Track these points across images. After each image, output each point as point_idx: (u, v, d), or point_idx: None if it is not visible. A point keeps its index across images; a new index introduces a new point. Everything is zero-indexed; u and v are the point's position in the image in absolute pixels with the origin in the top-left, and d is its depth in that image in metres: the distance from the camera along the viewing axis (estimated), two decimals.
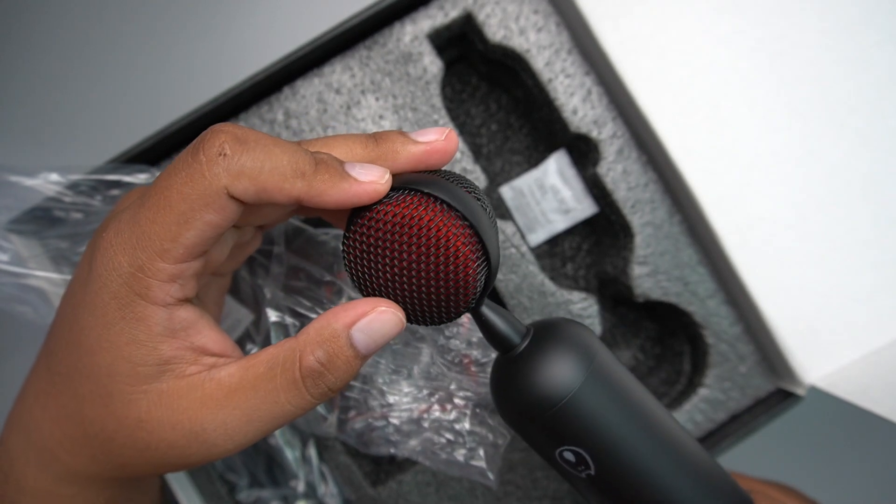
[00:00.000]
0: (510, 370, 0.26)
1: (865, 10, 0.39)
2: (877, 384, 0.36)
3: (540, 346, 0.26)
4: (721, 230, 0.38)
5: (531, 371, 0.25)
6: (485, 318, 0.26)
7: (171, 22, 0.50)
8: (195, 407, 0.23)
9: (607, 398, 0.25)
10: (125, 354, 0.23)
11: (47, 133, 0.50)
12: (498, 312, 0.26)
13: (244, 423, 0.24)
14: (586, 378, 0.25)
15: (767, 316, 0.38)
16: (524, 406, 0.25)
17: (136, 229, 0.22)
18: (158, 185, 0.22)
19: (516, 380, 0.25)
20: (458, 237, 0.23)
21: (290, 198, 0.22)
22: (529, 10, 0.40)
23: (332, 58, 0.40)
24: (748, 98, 0.39)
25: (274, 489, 0.41)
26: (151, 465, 0.24)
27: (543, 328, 0.26)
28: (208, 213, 0.22)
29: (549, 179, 0.44)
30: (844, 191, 0.39)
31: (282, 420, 0.24)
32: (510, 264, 0.41)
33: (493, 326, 0.26)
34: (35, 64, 0.50)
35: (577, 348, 0.25)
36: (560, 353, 0.25)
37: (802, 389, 0.39)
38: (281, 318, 0.37)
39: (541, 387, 0.25)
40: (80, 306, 0.23)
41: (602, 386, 0.25)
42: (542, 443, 0.26)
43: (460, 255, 0.23)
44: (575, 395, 0.25)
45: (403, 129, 0.40)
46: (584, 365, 0.25)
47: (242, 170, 0.21)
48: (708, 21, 0.39)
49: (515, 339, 0.26)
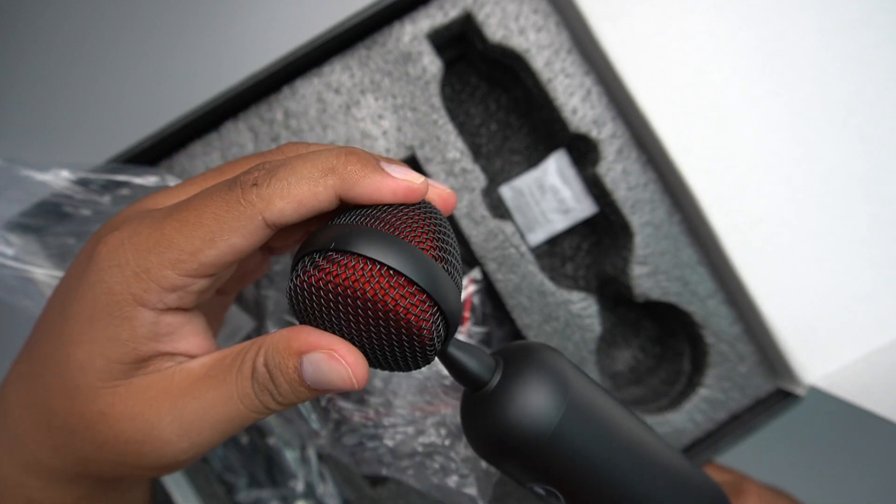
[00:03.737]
0: (482, 408, 0.25)
1: (865, 10, 0.39)
2: (877, 384, 0.36)
3: (512, 382, 0.25)
4: (721, 230, 0.38)
5: (505, 410, 0.24)
6: (452, 358, 0.24)
7: (171, 21, 0.50)
8: (157, 397, 0.23)
9: (582, 430, 0.25)
10: (103, 351, 0.23)
11: (49, 130, 0.50)
12: (465, 350, 0.25)
13: (199, 417, 0.23)
14: (562, 414, 0.24)
15: (767, 316, 0.38)
16: (497, 445, 0.24)
17: (157, 234, 0.22)
18: (192, 203, 0.22)
19: (489, 418, 0.24)
20: (401, 306, 0.21)
21: (329, 200, 0.22)
22: (529, 10, 0.40)
23: (332, 57, 0.40)
24: (748, 98, 0.39)
25: (273, 489, 0.41)
26: (109, 462, 0.24)
27: (513, 360, 0.25)
28: (236, 237, 0.22)
29: (549, 179, 0.44)
30: (844, 191, 0.39)
31: (236, 423, 0.24)
32: (510, 264, 0.40)
33: (462, 366, 0.25)
34: (37, 62, 0.50)
35: (550, 381, 0.25)
36: (533, 388, 0.24)
37: (802, 389, 0.39)
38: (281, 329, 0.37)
39: (515, 426, 0.24)
40: (70, 296, 0.23)
41: (577, 418, 0.24)
42: (514, 475, 0.26)
43: (404, 323, 0.22)
44: (551, 433, 0.24)
45: (403, 128, 0.40)
46: (559, 399, 0.24)
47: (273, 193, 0.22)
48: (708, 21, 0.39)
49: (486, 377, 0.25)
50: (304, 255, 0.23)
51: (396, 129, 0.40)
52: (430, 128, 0.40)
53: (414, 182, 0.23)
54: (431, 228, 0.23)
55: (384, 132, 0.40)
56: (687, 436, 0.41)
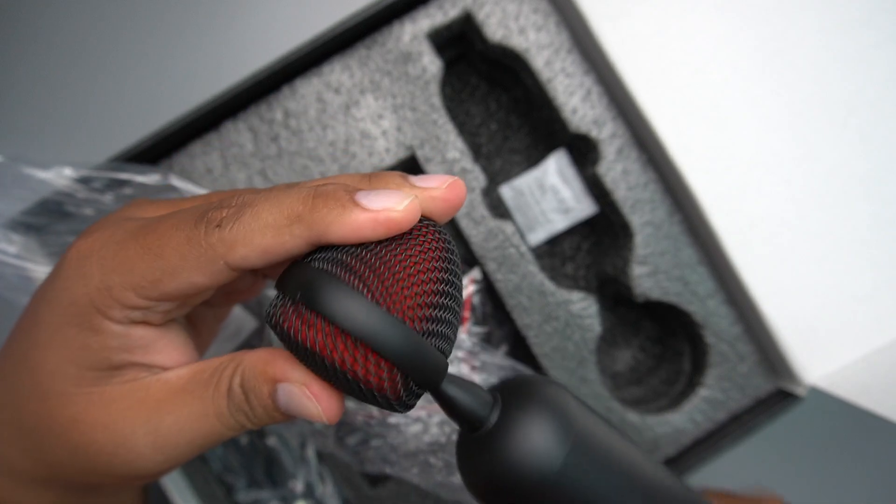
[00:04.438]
0: (480, 449, 0.23)
1: (865, 10, 0.39)
2: (877, 384, 0.36)
3: (512, 420, 0.23)
4: (721, 230, 0.38)
5: (504, 450, 0.22)
6: (444, 396, 0.23)
7: (171, 21, 0.50)
8: (133, 407, 0.23)
9: (589, 470, 0.23)
10: (74, 357, 0.22)
11: (50, 129, 0.50)
12: (459, 386, 0.23)
13: (175, 432, 0.23)
14: (566, 453, 0.22)
15: (767, 316, 0.38)
16: (498, 488, 0.23)
17: (121, 255, 0.22)
18: (159, 230, 0.22)
19: (487, 460, 0.23)
20: (362, 372, 0.21)
21: (300, 248, 0.21)
22: (529, 10, 0.40)
23: (332, 57, 0.40)
24: (748, 98, 0.39)
25: (272, 490, 0.41)
26: (80, 470, 0.24)
27: (513, 396, 0.24)
28: (196, 276, 0.21)
29: (549, 179, 0.43)
30: (844, 191, 0.39)
31: (211, 439, 0.23)
32: (510, 264, 0.40)
33: (455, 404, 0.23)
34: (39, 61, 0.50)
35: (554, 418, 0.23)
36: (535, 426, 0.23)
37: (803, 389, 0.39)
38: None
39: (516, 467, 0.22)
40: (43, 299, 0.23)
41: (583, 457, 0.23)
42: None
43: (372, 386, 0.21)
44: (555, 474, 0.22)
45: (402, 128, 0.40)
46: (563, 437, 0.22)
47: (236, 239, 0.21)
48: (708, 21, 0.39)
49: (483, 414, 0.23)
50: (279, 289, 0.22)
51: (396, 129, 0.40)
52: (430, 127, 0.40)
53: (394, 210, 0.21)
54: (417, 280, 0.21)
55: (384, 132, 0.40)
56: (687, 436, 0.41)
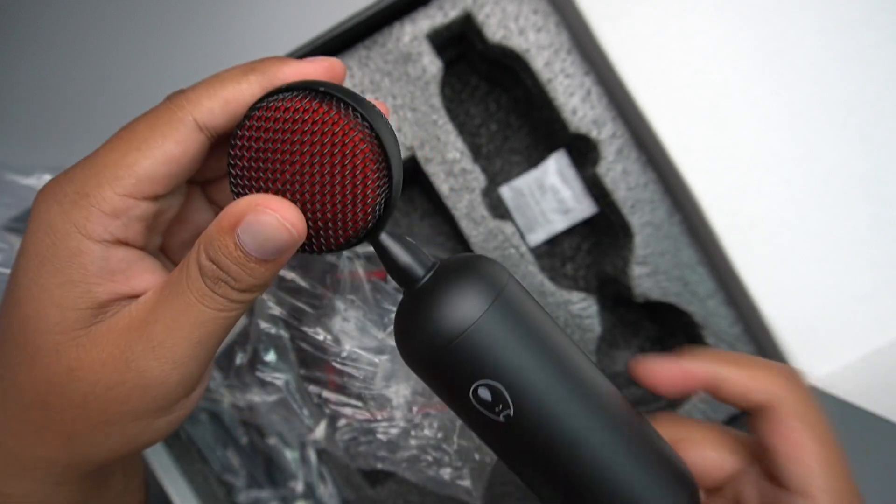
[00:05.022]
0: (412, 305, 0.24)
1: (865, 10, 0.39)
2: (877, 384, 0.36)
3: (445, 277, 0.23)
4: (721, 230, 0.38)
5: (433, 302, 0.23)
6: (385, 247, 0.23)
7: (170, 22, 0.50)
8: (121, 334, 0.22)
9: (519, 325, 0.23)
10: (55, 300, 0.21)
11: (42, 133, 0.50)
12: (402, 243, 0.24)
13: (169, 334, 0.22)
14: (493, 304, 0.23)
15: (767, 316, 0.38)
16: (427, 341, 0.23)
17: (91, 161, 0.22)
18: (124, 127, 0.23)
19: (418, 314, 0.23)
20: (358, 139, 0.21)
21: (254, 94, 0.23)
22: (529, 10, 0.40)
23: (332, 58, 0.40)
24: (748, 98, 0.39)
25: (273, 490, 0.41)
26: (98, 427, 0.22)
27: (451, 260, 0.24)
28: (169, 143, 0.22)
29: (549, 179, 0.43)
30: (844, 191, 0.39)
31: (209, 327, 0.22)
32: (510, 264, 0.40)
33: (395, 257, 0.24)
34: (30, 64, 0.50)
35: (484, 276, 0.23)
36: (465, 280, 0.23)
37: None
38: (271, 328, 0.37)
39: (444, 316, 0.22)
40: (22, 250, 0.22)
41: (512, 314, 0.23)
42: (454, 387, 0.24)
43: (360, 155, 0.21)
44: (482, 320, 0.22)
45: (402, 128, 0.40)
46: (491, 292, 0.23)
47: (200, 94, 0.22)
48: (708, 21, 0.39)
49: (419, 272, 0.24)
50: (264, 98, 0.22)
51: (396, 130, 0.40)
52: (430, 128, 0.40)
53: (332, 59, 0.24)
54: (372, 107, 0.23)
55: None
56: None
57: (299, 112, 0.21)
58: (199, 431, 0.41)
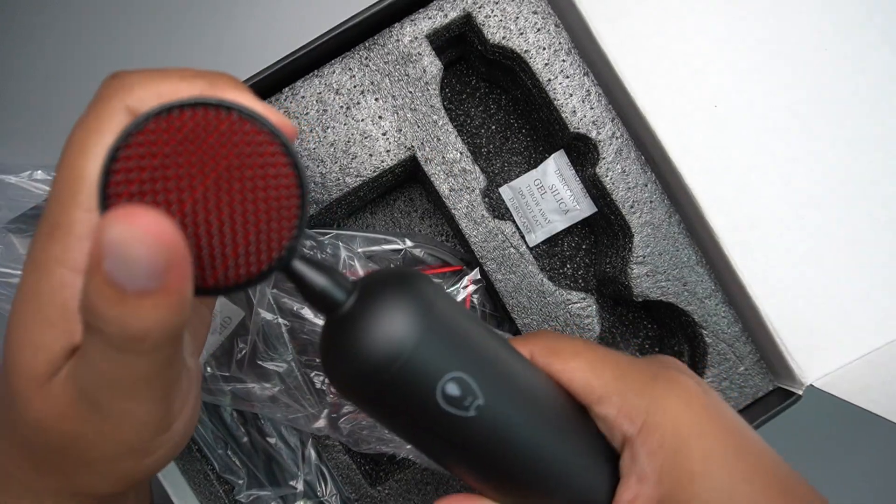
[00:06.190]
0: (342, 332, 0.22)
1: (865, 10, 0.39)
2: (875, 384, 0.36)
3: (373, 295, 0.22)
4: (720, 230, 0.38)
5: (371, 323, 0.21)
6: (299, 274, 0.21)
7: (170, 23, 0.51)
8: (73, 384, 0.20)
9: (459, 322, 0.23)
10: (32, 339, 0.20)
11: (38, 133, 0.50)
12: (317, 267, 0.22)
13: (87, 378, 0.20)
14: (431, 306, 0.22)
15: (766, 316, 0.38)
16: (375, 362, 0.21)
17: (54, 185, 0.20)
18: (73, 128, 0.21)
19: (355, 339, 0.21)
20: (271, 153, 0.19)
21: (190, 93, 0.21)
22: (528, 11, 0.40)
23: (332, 59, 0.40)
24: (747, 98, 0.39)
25: (273, 489, 0.41)
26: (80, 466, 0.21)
27: (370, 278, 0.23)
28: (108, 135, 0.20)
29: (549, 180, 0.44)
30: (844, 191, 0.39)
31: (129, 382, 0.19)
32: (509, 264, 0.41)
33: (311, 283, 0.21)
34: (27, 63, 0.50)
35: (411, 284, 0.23)
36: (397, 291, 0.22)
37: (801, 389, 0.39)
38: (273, 317, 0.38)
39: (386, 335, 0.21)
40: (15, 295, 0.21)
41: (449, 312, 0.23)
42: (415, 399, 0.22)
43: (281, 168, 0.19)
44: (428, 322, 0.22)
45: (402, 129, 0.40)
46: (423, 297, 0.22)
47: (134, 80, 0.20)
48: (707, 21, 0.39)
49: (338, 297, 0.22)
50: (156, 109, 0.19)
51: (396, 130, 0.40)
52: (430, 128, 0.40)
53: (284, 118, 0.21)
54: None
55: (384, 133, 0.40)
56: None
57: (214, 121, 0.19)
58: (200, 431, 0.41)
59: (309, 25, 0.41)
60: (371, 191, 0.42)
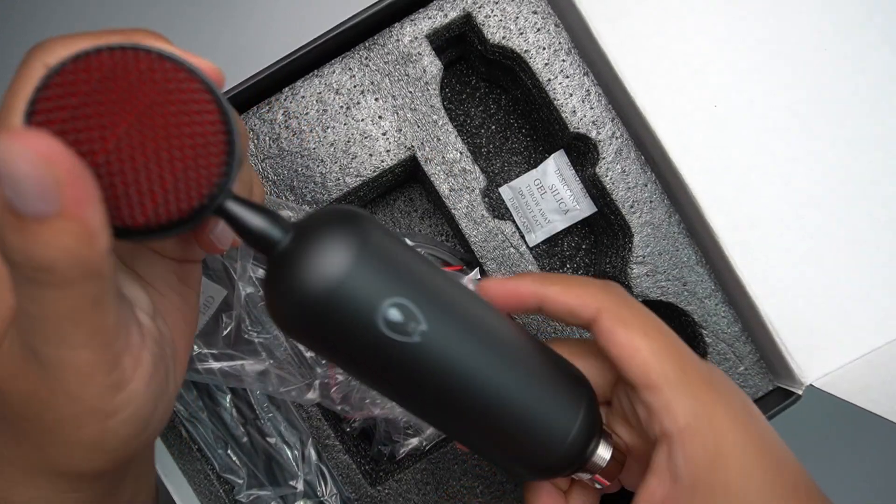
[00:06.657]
0: (280, 268, 0.22)
1: (865, 10, 0.39)
2: (875, 384, 0.36)
3: (310, 229, 0.22)
4: (720, 230, 0.38)
5: (307, 256, 0.21)
6: (233, 214, 0.21)
7: (170, 23, 0.51)
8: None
9: (398, 251, 0.23)
10: None
11: None
12: (253, 208, 0.21)
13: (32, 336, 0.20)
14: (368, 234, 0.22)
15: (766, 316, 0.38)
16: (315, 289, 0.21)
17: None
18: None
19: (293, 273, 0.21)
20: (192, 90, 0.19)
21: None
22: (528, 11, 0.40)
23: (332, 59, 0.40)
24: (747, 98, 0.39)
25: (273, 489, 0.41)
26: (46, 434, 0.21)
27: (308, 217, 0.23)
28: (29, 91, 0.19)
29: (548, 180, 0.44)
30: (844, 191, 0.39)
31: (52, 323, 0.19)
32: (509, 264, 0.41)
33: (247, 223, 0.21)
34: None
35: (348, 215, 0.23)
36: (334, 223, 0.22)
37: (801, 389, 0.39)
38: (255, 290, 0.38)
39: (324, 263, 0.21)
40: None
41: (387, 241, 0.23)
42: (355, 327, 0.22)
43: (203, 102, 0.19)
44: (366, 250, 0.22)
45: (402, 129, 0.40)
46: (361, 225, 0.22)
47: (56, 42, 0.20)
48: (707, 21, 0.39)
49: (276, 235, 0.22)
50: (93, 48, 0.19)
51: (396, 130, 0.40)
52: (430, 128, 0.40)
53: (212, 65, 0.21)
54: None
55: (384, 133, 0.40)
56: None
57: (133, 60, 0.19)
58: (200, 430, 0.41)
59: (309, 25, 0.41)
60: (371, 191, 0.43)
